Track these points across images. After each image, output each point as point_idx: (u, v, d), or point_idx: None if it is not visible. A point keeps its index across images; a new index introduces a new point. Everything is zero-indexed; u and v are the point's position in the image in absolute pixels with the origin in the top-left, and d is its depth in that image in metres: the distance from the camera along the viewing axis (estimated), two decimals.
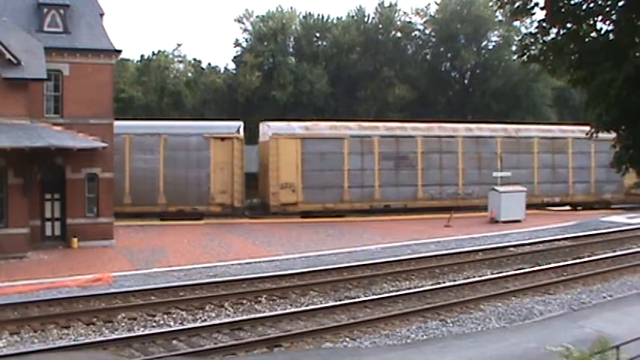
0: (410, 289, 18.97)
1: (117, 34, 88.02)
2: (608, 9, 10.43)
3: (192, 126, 38.03)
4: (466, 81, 65.00)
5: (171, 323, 15.49)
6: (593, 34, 10.60)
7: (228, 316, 16.15)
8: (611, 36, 10.45)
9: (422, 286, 19.29)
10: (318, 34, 62.94)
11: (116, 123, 27.81)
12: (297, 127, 37.96)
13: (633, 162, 10.79)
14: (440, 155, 39.59)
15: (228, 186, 35.98)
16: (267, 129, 37.99)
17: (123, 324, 15.31)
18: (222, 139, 36.11)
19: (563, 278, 20.16)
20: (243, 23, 63.47)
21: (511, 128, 42.63)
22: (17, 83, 23.96)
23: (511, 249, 26.25)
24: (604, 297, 18.06)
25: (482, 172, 39.53)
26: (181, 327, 14.87)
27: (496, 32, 62.82)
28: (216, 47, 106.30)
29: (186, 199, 35.54)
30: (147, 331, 14.63)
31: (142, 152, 35.03)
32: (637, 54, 9.66)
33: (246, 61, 58.23)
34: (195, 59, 64.20)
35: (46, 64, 24.66)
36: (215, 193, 35.94)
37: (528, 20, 12.04)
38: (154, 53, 60.86)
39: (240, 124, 37.49)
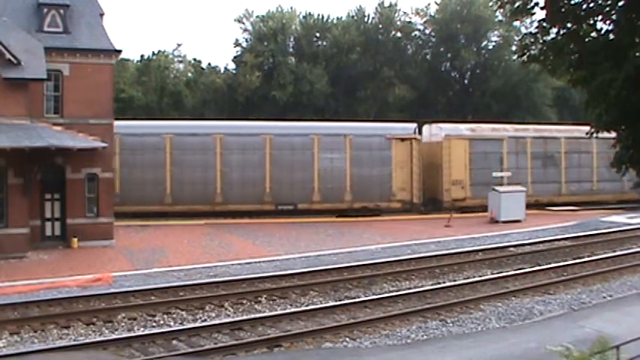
0: (410, 289, 18.97)
1: (117, 34, 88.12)
2: (608, 9, 10.44)
3: (373, 127, 40.48)
4: (466, 81, 65.02)
5: (171, 323, 15.49)
6: (593, 34, 10.60)
7: (228, 316, 16.14)
8: (611, 36, 10.45)
9: (422, 286, 19.29)
10: (318, 34, 62.97)
11: (306, 124, 29.47)
12: (464, 128, 41.52)
13: (633, 162, 10.79)
14: (579, 155, 43.17)
15: (407, 184, 38.62)
16: (439, 130, 40.76)
17: (123, 324, 15.30)
18: (402, 139, 38.57)
19: (563, 278, 20.16)
20: (243, 23, 63.57)
21: None
22: (17, 83, 23.96)
23: (511, 249, 26.25)
24: (604, 297, 18.05)
25: (611, 170, 40.15)
26: (181, 327, 14.86)
27: (496, 32, 62.86)
28: (216, 47, 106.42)
29: (370, 197, 38.01)
30: (147, 331, 14.62)
31: (330, 152, 37.49)
32: (637, 54, 9.67)
33: (246, 61, 58.27)
34: (195, 59, 64.31)
35: (46, 64, 24.65)
36: (396, 191, 38.48)
37: (528, 20, 12.05)
38: (154, 53, 60.93)
39: (415, 125, 40.02)
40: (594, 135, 11.28)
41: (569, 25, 10.57)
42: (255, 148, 36.69)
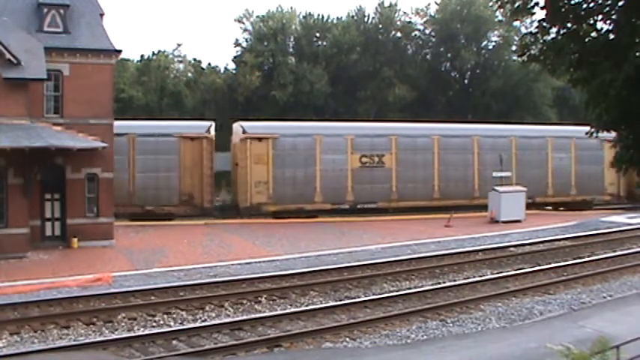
0: (410, 289, 18.97)
1: (117, 34, 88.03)
2: (608, 9, 10.43)
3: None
4: (466, 81, 64.98)
5: (171, 323, 15.50)
6: (594, 34, 10.60)
7: (228, 316, 16.15)
8: (611, 36, 10.44)
9: (422, 286, 19.29)
10: (318, 34, 62.91)
11: (539, 128, 36.71)
12: None
13: (633, 162, 10.79)
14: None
15: (615, 179, 42.88)
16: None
17: (123, 324, 15.31)
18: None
19: (563, 278, 20.16)
20: (243, 23, 63.48)
21: None
22: (17, 83, 23.96)
23: (511, 249, 26.25)
24: (604, 297, 18.06)
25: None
26: (181, 327, 14.87)
27: (496, 32, 62.81)
28: (216, 47, 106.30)
29: (587, 191, 42.78)
30: (147, 331, 14.63)
31: (560, 152, 42.38)
32: (637, 54, 9.66)
33: (246, 61, 58.22)
34: (195, 59, 64.24)
35: (46, 64, 24.64)
36: (607, 185, 43.32)
37: (528, 20, 12.04)
38: (154, 53, 60.89)
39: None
40: (594, 135, 11.27)
41: (569, 24, 10.57)
42: (463, 148, 40.34)
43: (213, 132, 36.77)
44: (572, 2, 10.54)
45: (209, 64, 63.96)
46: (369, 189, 37.85)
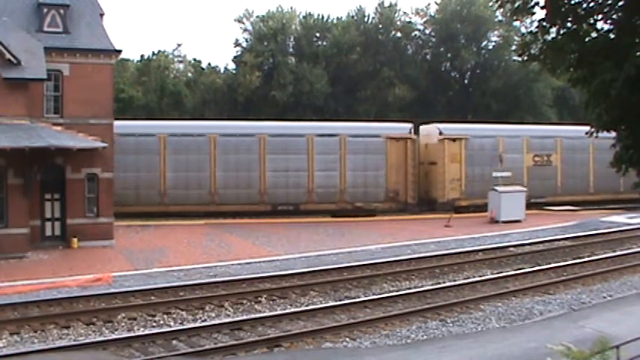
0: (410, 289, 18.96)
1: (117, 34, 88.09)
2: (608, 8, 10.43)
3: None
4: (466, 81, 65.00)
5: (171, 323, 15.49)
6: (594, 34, 10.59)
7: (228, 316, 16.14)
8: (611, 35, 10.44)
9: (422, 286, 19.29)
10: (318, 34, 62.94)
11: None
12: None
13: (633, 162, 10.78)
14: None
15: None
16: None
17: (123, 324, 15.30)
18: None
19: (563, 278, 20.15)
20: (243, 23, 63.55)
21: None
22: (17, 83, 23.96)
23: (511, 249, 26.24)
24: (604, 297, 18.05)
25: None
26: (181, 327, 14.86)
27: (496, 32, 62.84)
28: (216, 47, 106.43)
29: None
30: (147, 331, 14.62)
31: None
32: (637, 53, 9.65)
33: (246, 61, 58.24)
34: (195, 59, 64.34)
35: (46, 64, 24.66)
36: None
37: (528, 20, 12.03)
38: (154, 53, 60.96)
39: None
40: (594, 135, 11.27)
41: (569, 24, 10.56)
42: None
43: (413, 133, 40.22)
44: (572, 2, 10.53)
45: (209, 64, 64.11)
46: (540, 185, 41.30)
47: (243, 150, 36.50)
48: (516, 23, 44.03)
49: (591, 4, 10.49)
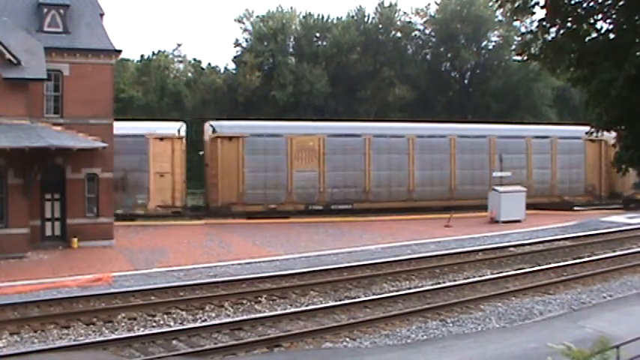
0: (410, 289, 18.96)
1: (117, 34, 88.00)
2: (608, 8, 10.42)
3: None
4: (466, 81, 64.99)
5: (171, 323, 15.49)
6: (594, 34, 10.59)
7: (228, 316, 16.14)
8: (611, 35, 10.43)
9: (422, 286, 19.28)
10: (318, 34, 62.92)
11: None
12: None
13: (633, 162, 10.78)
14: None
15: None
16: None
17: (123, 324, 15.30)
18: None
19: (563, 278, 20.15)
20: (243, 23, 63.53)
21: None
22: (17, 83, 23.96)
23: (511, 249, 26.24)
24: (604, 297, 18.05)
25: None
26: (181, 327, 14.86)
27: (496, 32, 62.84)
28: (216, 47, 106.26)
29: None
30: (147, 331, 14.62)
31: None
32: (637, 53, 9.65)
33: (246, 61, 58.23)
34: (195, 59, 64.27)
35: (46, 64, 24.65)
36: None
37: (528, 20, 12.04)
38: (154, 53, 60.92)
39: None
40: (594, 135, 11.27)
41: (569, 24, 10.56)
42: None
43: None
44: (572, 2, 10.53)
45: (209, 64, 64.04)
46: None
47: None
48: (516, 23, 43.95)
49: (591, 4, 10.50)
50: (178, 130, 36.23)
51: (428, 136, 40.11)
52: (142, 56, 61.48)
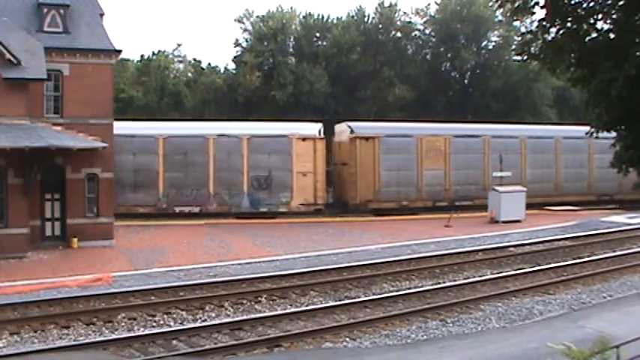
0: (410, 289, 18.96)
1: (117, 34, 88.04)
2: (608, 8, 10.42)
3: None
4: (466, 81, 64.96)
5: (171, 323, 15.49)
6: (594, 34, 10.58)
7: (228, 316, 16.14)
8: (611, 35, 10.43)
9: (422, 286, 19.28)
10: (318, 34, 62.87)
11: None
12: None
13: (633, 162, 10.78)
14: None
15: None
16: None
17: (123, 324, 15.30)
18: None
19: (563, 278, 20.15)
20: (243, 23, 63.46)
21: None
22: (17, 83, 23.96)
23: (511, 249, 26.24)
24: (604, 297, 18.05)
25: None
26: (181, 327, 14.86)
27: (496, 32, 62.78)
28: (216, 47, 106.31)
29: None
30: (147, 331, 14.62)
31: None
32: (637, 53, 9.65)
33: (246, 61, 58.20)
34: (195, 59, 64.23)
35: (46, 64, 24.66)
36: None
37: (528, 20, 12.03)
38: (154, 53, 60.88)
39: None
40: (594, 135, 11.26)
41: (569, 24, 10.55)
42: None
43: None
44: (572, 2, 10.52)
45: (209, 64, 64.00)
46: None
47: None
48: (516, 23, 43.99)
49: (591, 4, 10.49)
50: (319, 131, 38.23)
51: (537, 137, 42.80)
52: (142, 56, 61.47)
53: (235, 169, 36.33)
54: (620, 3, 10.33)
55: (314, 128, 38.30)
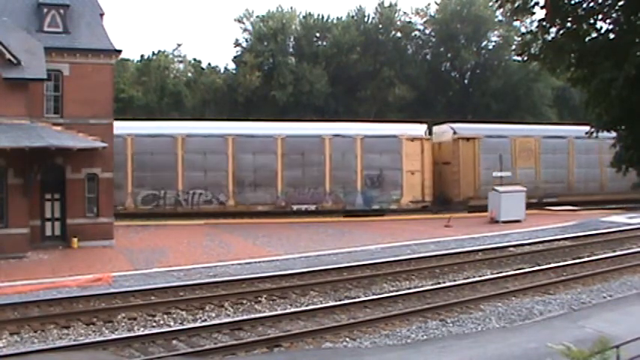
0: (410, 289, 18.95)
1: (117, 34, 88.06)
2: (608, 8, 10.42)
3: None
4: (466, 81, 64.99)
5: (171, 323, 15.48)
6: (594, 34, 10.58)
7: (228, 316, 16.13)
8: (611, 35, 10.43)
9: (422, 286, 19.28)
10: (318, 34, 62.92)
11: None
12: None
13: (633, 162, 10.78)
14: None
15: None
16: None
17: (123, 324, 15.30)
18: None
19: (563, 278, 20.14)
20: (243, 23, 63.54)
21: None
22: (17, 83, 23.96)
23: (511, 249, 26.24)
24: (604, 297, 18.04)
25: None
26: (181, 327, 14.85)
27: (496, 32, 62.84)
28: (216, 47, 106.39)
29: None
30: (147, 331, 14.62)
31: None
32: (637, 53, 9.65)
33: (246, 61, 58.24)
34: (195, 59, 64.30)
35: (46, 64, 24.66)
36: None
37: (528, 20, 12.04)
38: (154, 53, 60.93)
39: None
40: (594, 135, 11.26)
41: (569, 24, 10.55)
42: None
43: None
44: (572, 2, 10.53)
45: (209, 64, 64.07)
46: None
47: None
48: (516, 23, 44.29)
49: (591, 4, 10.48)
50: (425, 132, 40.52)
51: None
52: (142, 56, 61.55)
53: (350, 168, 38.14)
54: (620, 3, 10.34)
55: (421, 129, 40.55)
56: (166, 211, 35.77)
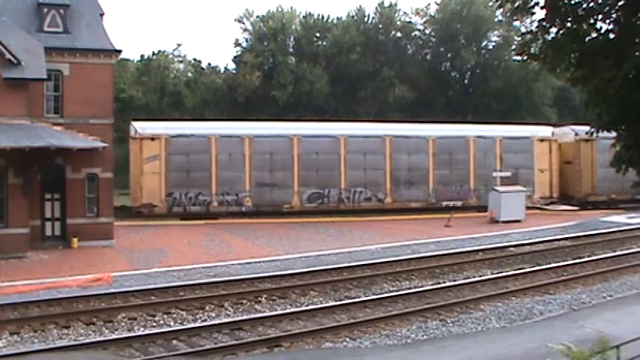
0: (410, 289, 18.95)
1: (117, 34, 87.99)
2: (608, 8, 10.42)
3: None
4: (466, 81, 65.00)
5: (171, 323, 15.49)
6: (594, 34, 10.58)
7: (228, 316, 16.14)
8: (611, 35, 10.43)
9: (422, 286, 19.28)
10: (318, 34, 62.93)
11: None
12: None
13: (633, 162, 10.78)
14: None
15: None
16: None
17: (123, 324, 15.30)
18: None
19: (563, 278, 20.14)
20: (243, 23, 63.54)
21: None
22: (17, 83, 23.96)
23: (511, 249, 26.24)
24: (604, 297, 18.04)
25: None
26: (181, 327, 14.86)
27: (496, 32, 62.85)
28: (216, 47, 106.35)
29: None
30: (147, 331, 14.62)
31: None
32: (637, 53, 9.65)
33: (246, 61, 58.25)
34: (195, 59, 64.29)
35: (46, 64, 24.63)
36: None
37: (528, 20, 12.02)
38: (154, 53, 60.90)
39: None
40: (594, 135, 11.26)
41: (569, 24, 10.55)
42: None
43: None
44: (572, 2, 10.52)
45: (209, 64, 64.07)
46: None
47: None
48: (516, 23, 44.32)
49: (591, 4, 10.48)
50: (552, 133, 43.06)
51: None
52: (142, 56, 61.53)
53: (490, 167, 40.09)
54: (620, 3, 10.33)
55: (548, 131, 43.28)
56: (330, 209, 37.75)
